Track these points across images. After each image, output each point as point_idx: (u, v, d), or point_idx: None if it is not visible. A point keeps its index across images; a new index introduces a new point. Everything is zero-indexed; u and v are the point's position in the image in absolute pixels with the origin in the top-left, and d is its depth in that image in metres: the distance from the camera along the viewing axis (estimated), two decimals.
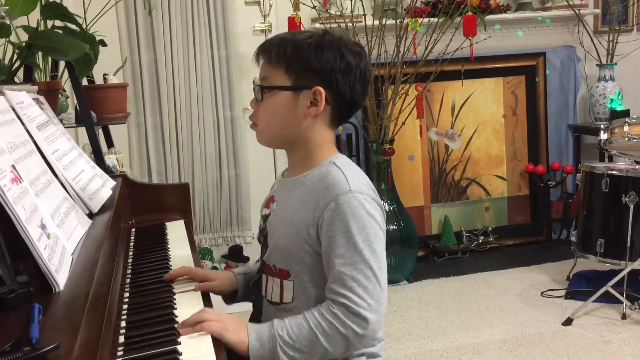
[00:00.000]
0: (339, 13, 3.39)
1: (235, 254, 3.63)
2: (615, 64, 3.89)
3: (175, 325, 1.09)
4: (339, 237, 1.13)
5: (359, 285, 1.11)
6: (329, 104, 1.21)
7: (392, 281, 3.33)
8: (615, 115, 3.69)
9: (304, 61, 1.19)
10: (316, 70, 1.19)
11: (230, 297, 1.41)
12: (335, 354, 1.15)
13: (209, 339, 1.06)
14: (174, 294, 1.25)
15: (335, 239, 1.14)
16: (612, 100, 3.86)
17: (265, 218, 1.31)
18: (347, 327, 1.10)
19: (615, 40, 3.88)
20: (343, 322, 1.11)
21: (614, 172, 2.88)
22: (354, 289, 1.11)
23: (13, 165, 0.99)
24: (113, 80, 2.36)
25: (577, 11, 3.81)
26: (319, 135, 1.24)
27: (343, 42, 1.22)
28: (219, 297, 1.39)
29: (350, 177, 1.18)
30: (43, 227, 0.96)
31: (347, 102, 1.23)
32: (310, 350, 1.12)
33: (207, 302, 1.24)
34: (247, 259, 3.60)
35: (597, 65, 3.94)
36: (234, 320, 1.15)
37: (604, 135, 2.97)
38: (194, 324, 1.08)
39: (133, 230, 1.75)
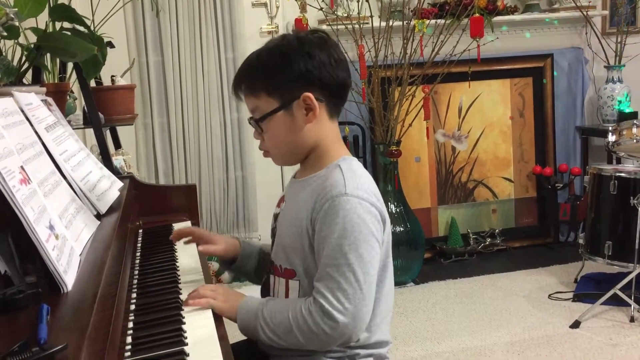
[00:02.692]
0: (345, 15, 3.39)
1: None
2: (624, 65, 3.87)
3: (183, 326, 1.09)
4: (328, 237, 1.14)
5: (339, 288, 1.12)
6: (321, 101, 1.22)
7: (398, 283, 3.32)
8: (623, 117, 3.67)
9: (278, 78, 1.19)
10: (294, 79, 1.19)
11: (227, 263, 1.44)
12: (310, 348, 1.18)
13: (216, 340, 1.06)
14: (181, 294, 1.26)
15: (325, 239, 1.15)
16: (620, 102, 3.84)
17: (275, 217, 1.35)
18: (319, 327, 1.12)
19: (623, 42, 3.86)
20: (315, 322, 1.12)
21: (622, 174, 2.87)
22: (333, 291, 1.12)
23: (22, 167, 0.99)
24: (121, 81, 2.37)
25: (584, 12, 3.80)
26: (325, 134, 1.25)
27: (302, 39, 1.21)
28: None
29: (349, 181, 1.18)
30: (51, 227, 0.97)
31: (336, 91, 1.24)
32: (285, 338, 1.16)
33: None
34: None
35: (605, 66, 3.92)
36: (229, 292, 1.24)
37: (612, 137, 2.95)
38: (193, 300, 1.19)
39: (140, 231, 1.75)
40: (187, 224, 1.84)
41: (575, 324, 2.75)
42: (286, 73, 1.19)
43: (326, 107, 1.24)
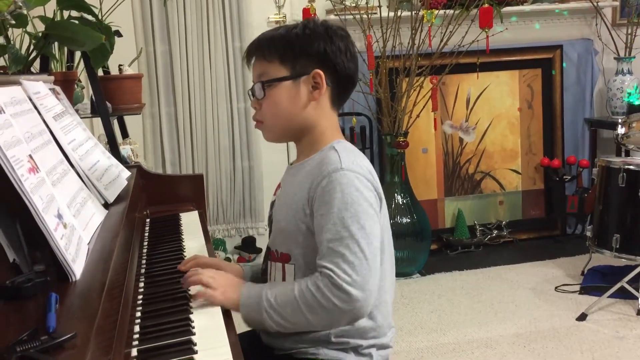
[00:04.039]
0: (354, 4, 3.36)
1: (248, 245, 3.65)
2: (634, 57, 3.84)
3: (190, 316, 1.09)
4: (328, 212, 1.14)
5: (344, 260, 1.11)
6: (328, 85, 1.24)
7: (404, 274, 3.32)
8: (632, 109, 3.64)
9: (296, 49, 1.22)
10: (310, 55, 1.22)
11: None
12: (319, 327, 1.17)
13: (223, 330, 1.06)
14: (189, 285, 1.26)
15: (325, 214, 1.15)
16: (629, 94, 3.81)
17: (272, 205, 1.35)
18: (329, 300, 1.10)
19: (633, 33, 3.83)
20: (324, 295, 1.10)
21: (631, 167, 2.85)
22: (339, 264, 1.11)
23: (30, 155, 0.99)
24: (128, 71, 2.37)
25: (595, 3, 3.76)
26: (323, 120, 1.27)
27: (327, 26, 1.25)
28: None
29: (344, 158, 1.19)
30: (59, 216, 0.97)
31: (344, 81, 1.27)
32: (292, 318, 1.14)
33: None
34: (259, 250, 3.61)
35: (614, 58, 3.89)
36: (229, 281, 1.21)
37: (621, 130, 2.94)
38: (192, 280, 1.18)
39: (147, 220, 1.76)
40: (194, 213, 1.84)
41: (582, 317, 2.75)
42: (305, 47, 1.22)
43: (330, 94, 1.26)
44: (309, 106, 1.24)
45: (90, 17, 1.66)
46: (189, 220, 1.77)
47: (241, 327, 1.27)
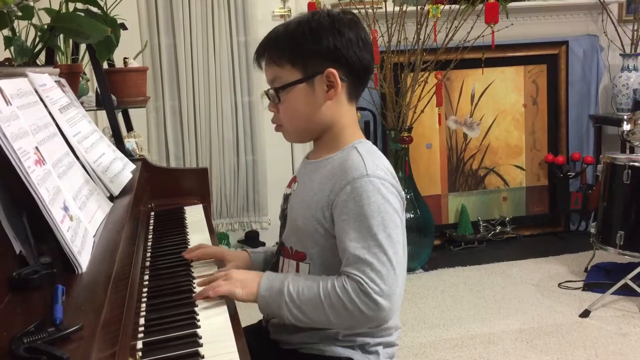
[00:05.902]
0: None
1: (252, 240, 3.65)
2: None
3: (195, 309, 1.09)
4: (353, 220, 1.12)
5: (373, 269, 1.09)
6: (343, 80, 1.20)
7: (407, 269, 3.31)
8: (638, 106, 3.63)
9: (305, 50, 1.18)
10: (321, 54, 1.18)
11: None
12: (338, 327, 1.16)
13: (229, 323, 1.06)
14: (193, 278, 1.26)
15: (349, 222, 1.13)
16: (635, 90, 3.79)
17: (286, 198, 1.32)
18: (355, 305, 1.09)
19: (639, 30, 3.81)
20: (351, 299, 1.09)
21: (636, 164, 2.84)
22: (367, 273, 1.09)
23: (36, 147, 0.99)
24: (133, 64, 2.37)
25: None
26: (342, 115, 1.24)
27: (334, 17, 1.20)
28: None
29: (369, 162, 1.17)
30: (66, 209, 0.97)
31: (360, 73, 1.23)
32: (313, 315, 1.12)
33: None
34: (263, 245, 3.62)
35: (620, 54, 3.87)
36: (244, 274, 1.19)
37: (626, 126, 2.93)
38: (207, 293, 1.13)
39: (152, 213, 1.76)
40: (199, 207, 1.84)
41: (585, 313, 2.74)
42: (314, 46, 1.18)
43: (347, 89, 1.22)
44: (326, 105, 1.21)
45: (95, 10, 1.66)
46: (194, 214, 1.77)
47: (246, 320, 1.27)
